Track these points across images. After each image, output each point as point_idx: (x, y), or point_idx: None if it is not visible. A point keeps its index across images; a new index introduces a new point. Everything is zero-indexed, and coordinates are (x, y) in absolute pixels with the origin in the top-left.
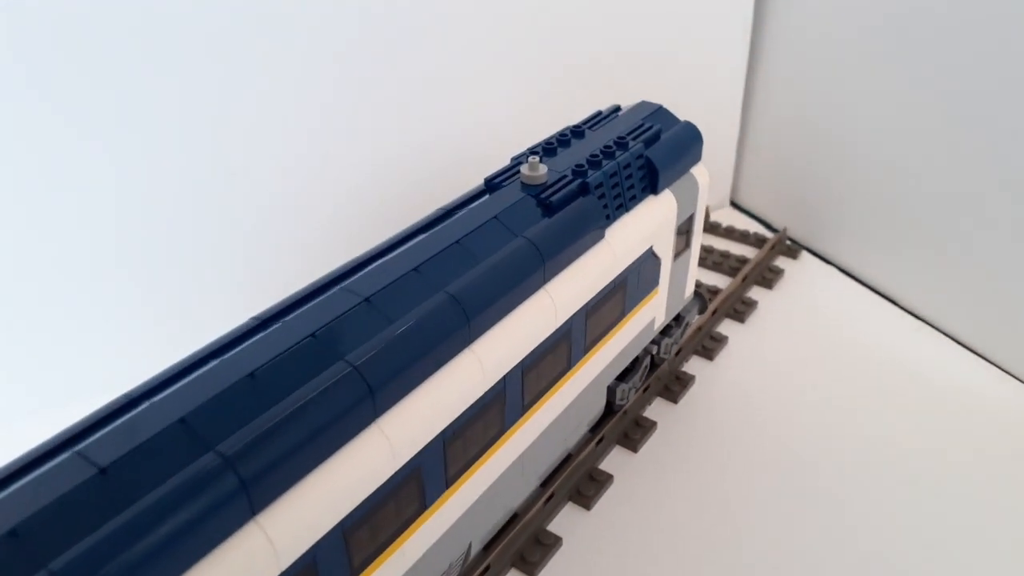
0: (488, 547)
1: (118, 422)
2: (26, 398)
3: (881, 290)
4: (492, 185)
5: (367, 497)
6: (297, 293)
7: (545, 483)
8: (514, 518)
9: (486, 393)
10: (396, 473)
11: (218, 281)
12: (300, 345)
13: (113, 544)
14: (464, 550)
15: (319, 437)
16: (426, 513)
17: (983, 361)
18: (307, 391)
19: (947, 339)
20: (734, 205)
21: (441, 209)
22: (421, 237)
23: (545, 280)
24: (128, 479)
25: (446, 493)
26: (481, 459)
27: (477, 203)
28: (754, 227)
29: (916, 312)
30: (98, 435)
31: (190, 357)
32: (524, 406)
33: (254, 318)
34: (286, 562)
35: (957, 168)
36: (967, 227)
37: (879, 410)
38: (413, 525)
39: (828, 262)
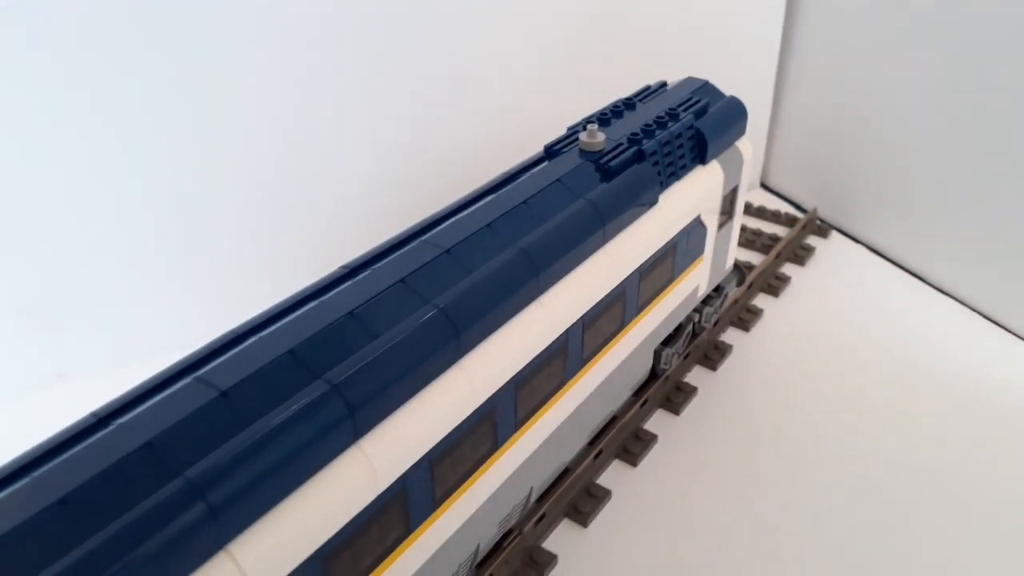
0: (543, 498)
1: (233, 351)
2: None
3: (909, 267)
4: (552, 152)
5: (451, 431)
6: (380, 246)
7: (593, 442)
8: (566, 472)
9: (552, 344)
10: (475, 411)
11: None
12: (391, 289)
13: (236, 458)
14: (525, 494)
15: (413, 371)
16: (497, 453)
17: (1009, 334)
18: (401, 329)
19: (975, 313)
20: (764, 187)
21: (505, 173)
22: (490, 198)
23: (604, 240)
24: (246, 401)
25: (515, 435)
26: (545, 406)
27: (539, 168)
28: (784, 208)
29: (943, 288)
30: (215, 363)
31: (291, 298)
32: (583, 359)
33: (343, 267)
34: (382, 485)
35: (984, 148)
36: (994, 206)
37: (907, 385)
38: (486, 463)
39: (857, 241)
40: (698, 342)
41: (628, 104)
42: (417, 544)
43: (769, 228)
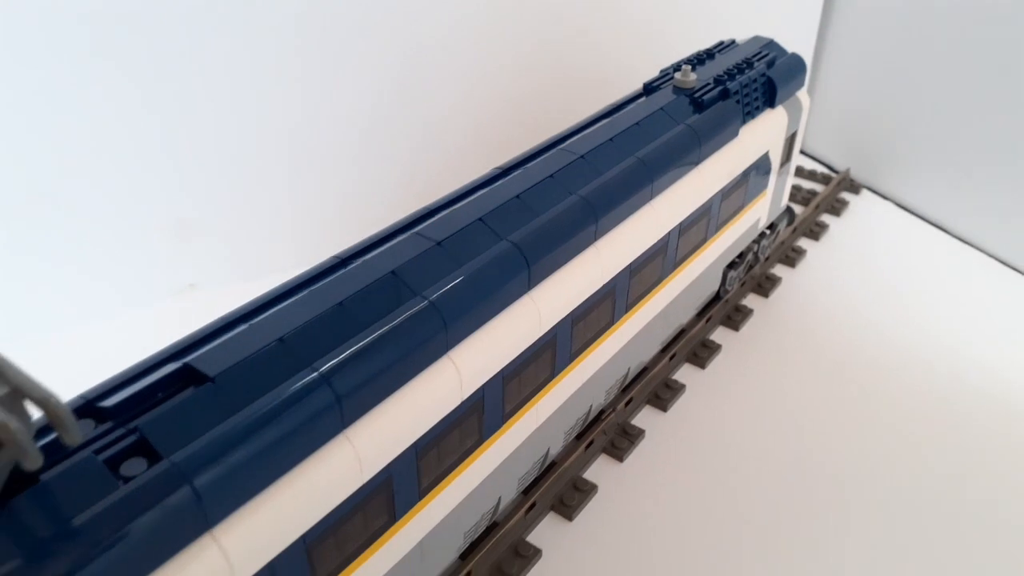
0: (529, 490)
1: (223, 338)
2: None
3: (931, 220)
4: (649, 88)
5: (438, 422)
6: (479, 178)
7: (581, 435)
8: (552, 466)
9: (656, 243)
10: (463, 403)
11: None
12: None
13: (223, 444)
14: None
15: (399, 363)
16: (542, 391)
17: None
18: (390, 319)
19: (992, 260)
20: (801, 151)
21: (611, 105)
22: (605, 121)
23: (700, 159)
24: (236, 388)
25: (573, 363)
26: (637, 306)
27: (639, 101)
28: (820, 168)
29: (964, 238)
30: (205, 349)
31: (284, 285)
32: (676, 262)
33: (335, 256)
34: (368, 475)
35: (1009, 106)
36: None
37: (929, 328)
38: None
39: (885, 198)
40: (753, 273)
41: (709, 55)
42: (402, 532)
43: (807, 184)
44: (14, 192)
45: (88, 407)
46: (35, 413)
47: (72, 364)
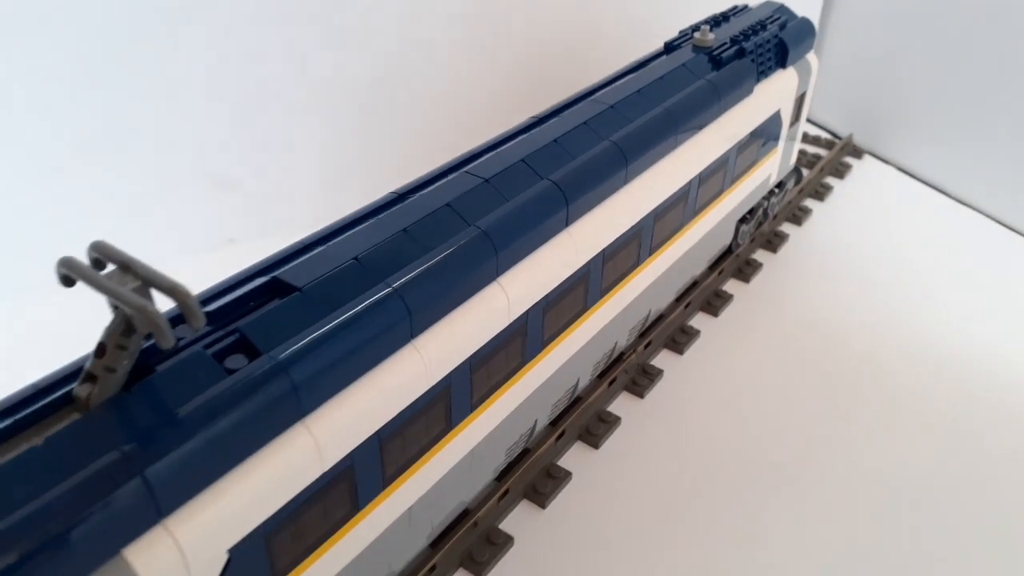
0: (503, 476)
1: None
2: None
3: (930, 182)
4: (670, 47)
5: (489, 340)
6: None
7: (555, 422)
8: (526, 453)
9: (677, 191)
10: (509, 326)
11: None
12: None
13: (316, 342)
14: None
15: (457, 285)
16: (590, 309)
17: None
18: (516, 201)
19: (990, 220)
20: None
21: (634, 62)
22: (630, 76)
23: (719, 113)
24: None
25: (602, 300)
26: (664, 246)
27: (661, 59)
28: (824, 135)
29: (964, 200)
30: (292, 264)
31: (349, 216)
32: (696, 210)
33: (392, 192)
34: (431, 382)
35: (1008, 70)
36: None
37: (928, 284)
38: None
39: (886, 162)
40: (762, 230)
41: (724, 17)
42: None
43: (812, 149)
44: (66, 147)
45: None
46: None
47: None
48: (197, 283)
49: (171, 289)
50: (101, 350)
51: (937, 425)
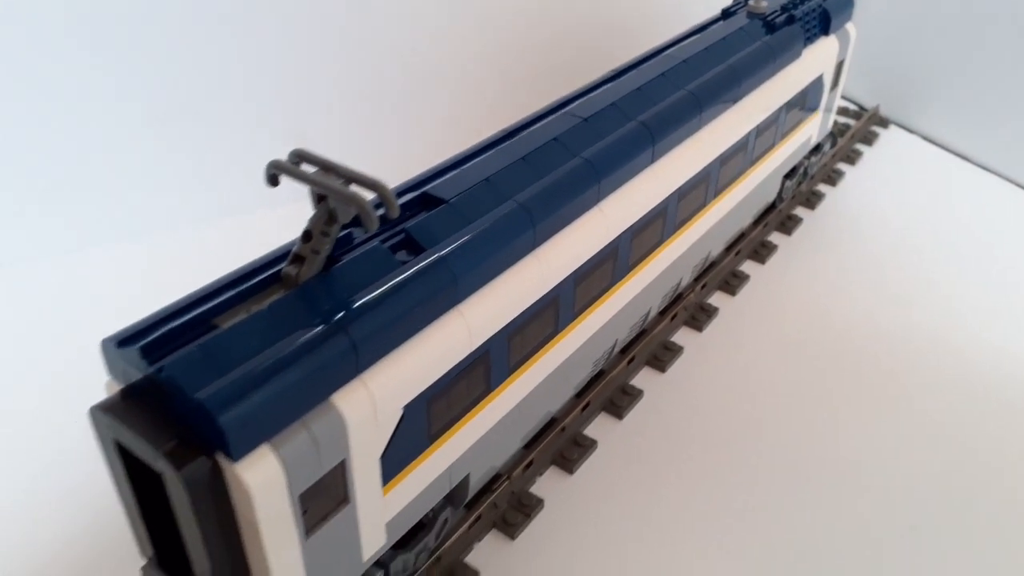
0: (530, 445)
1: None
2: None
3: (954, 150)
4: (727, 13)
5: (591, 257)
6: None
7: (580, 394)
8: (553, 422)
9: (737, 142)
10: (607, 246)
11: None
12: (608, 110)
13: (475, 238)
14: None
15: (568, 205)
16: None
17: None
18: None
19: (1013, 185)
20: None
21: (695, 26)
22: (695, 37)
23: (775, 72)
24: (466, 207)
25: (674, 235)
26: (724, 192)
27: (718, 24)
28: (851, 107)
29: (985, 165)
30: (442, 179)
31: (469, 149)
32: (752, 160)
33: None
34: (548, 287)
35: None
36: None
37: (954, 245)
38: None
39: (912, 132)
40: (801, 189)
41: None
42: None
43: (840, 119)
44: (166, 101)
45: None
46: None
47: (208, 254)
48: (280, 231)
49: (372, 184)
50: (307, 236)
51: (968, 395)
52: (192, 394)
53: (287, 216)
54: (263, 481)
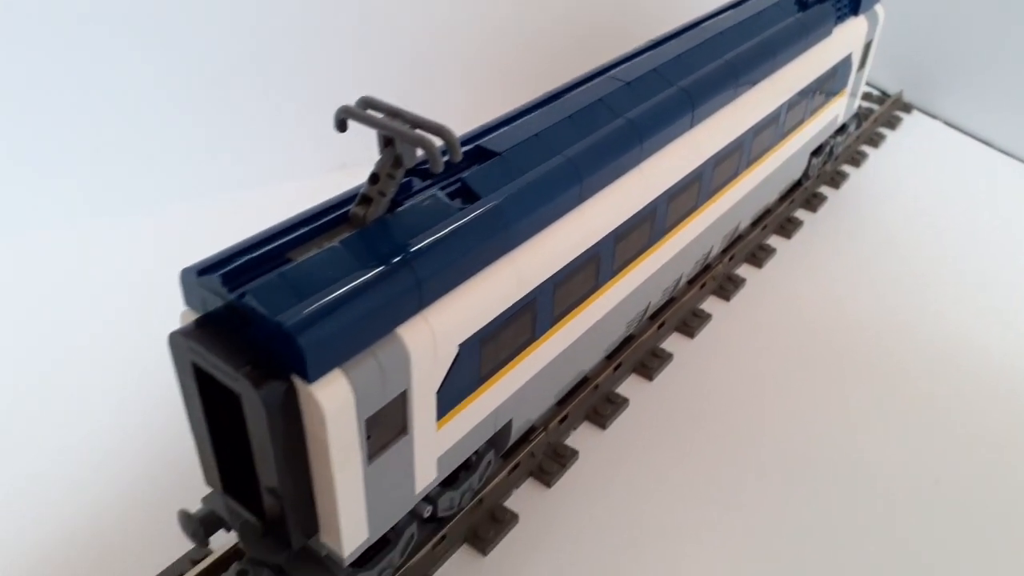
0: (564, 401)
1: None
2: None
3: (978, 136)
4: None
5: (631, 216)
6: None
7: (612, 355)
8: (586, 380)
9: (772, 112)
10: (646, 207)
11: None
12: (648, 76)
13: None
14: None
15: (610, 165)
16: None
17: None
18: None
19: None
20: None
21: (728, 3)
22: (729, 12)
23: (806, 48)
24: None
25: (710, 200)
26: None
27: (753, 1)
28: (874, 92)
29: (1007, 150)
30: (500, 131)
31: (516, 109)
32: (783, 133)
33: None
34: (594, 239)
35: None
36: None
37: (972, 227)
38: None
39: (933, 117)
40: (826, 169)
41: None
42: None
43: (864, 104)
44: (203, 73)
45: (413, 170)
46: None
47: (239, 222)
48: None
49: (438, 128)
50: (375, 178)
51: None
52: (274, 317)
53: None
54: (335, 402)
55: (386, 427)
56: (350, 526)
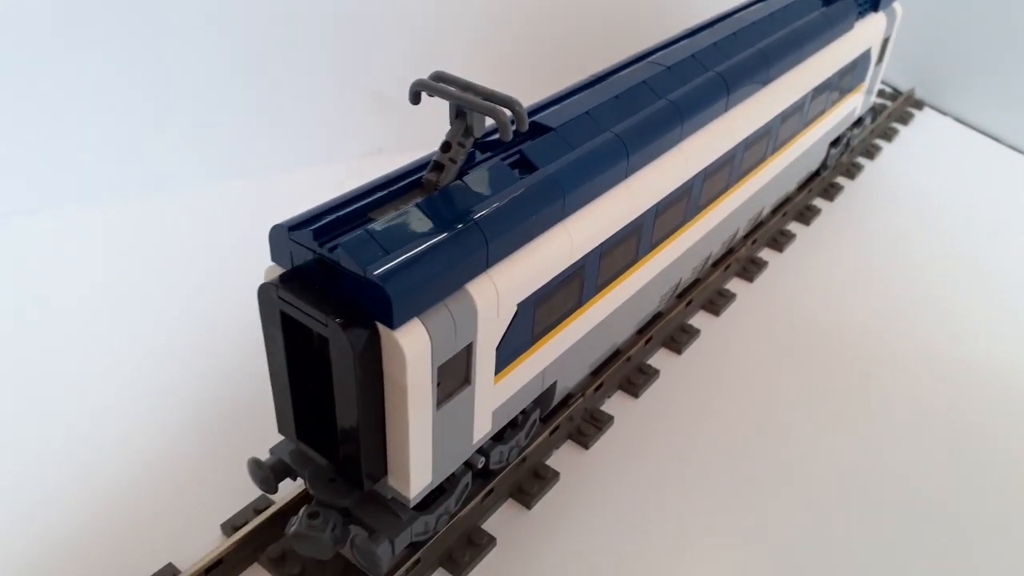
0: (598, 371)
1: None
2: None
3: (985, 131)
4: None
5: (669, 194)
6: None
7: (642, 331)
8: (618, 354)
9: (798, 100)
10: (683, 184)
11: None
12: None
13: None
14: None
15: (651, 144)
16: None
17: None
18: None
19: None
20: None
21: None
22: (758, 6)
23: (830, 40)
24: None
25: (740, 182)
26: (782, 148)
27: None
28: (886, 89)
29: (1016, 147)
30: (549, 110)
31: (563, 90)
32: (807, 121)
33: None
34: (637, 212)
35: None
36: None
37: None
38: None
39: (944, 113)
40: (842, 160)
41: None
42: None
43: (877, 100)
44: (253, 63)
45: (476, 143)
46: None
47: (281, 200)
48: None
49: (507, 100)
50: (447, 147)
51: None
52: (364, 267)
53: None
54: (415, 348)
55: (453, 376)
56: (418, 469)
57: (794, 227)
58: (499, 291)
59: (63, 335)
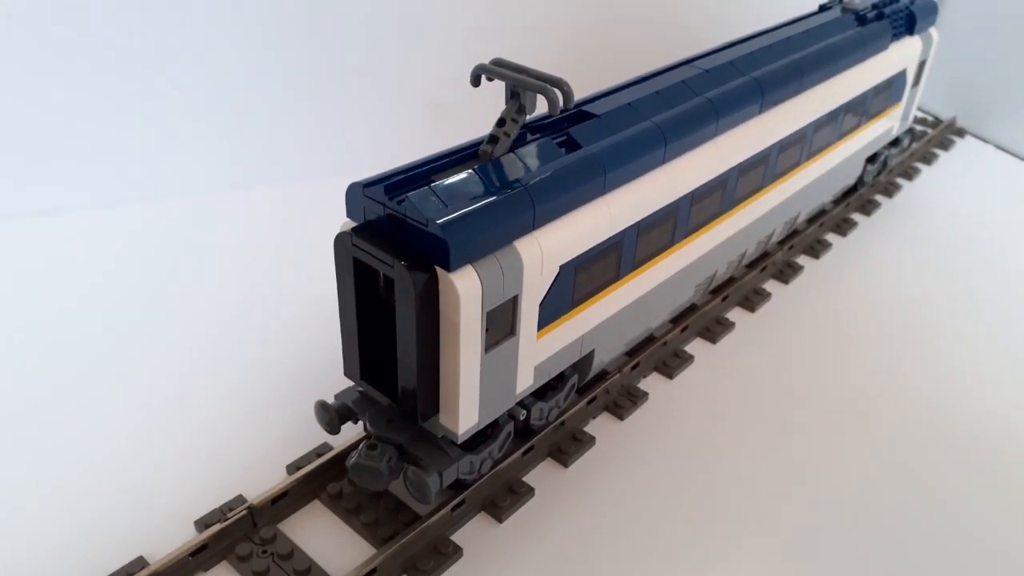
0: (635, 352)
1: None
2: None
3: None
4: (824, 8)
5: (709, 180)
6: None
7: (676, 320)
8: (652, 339)
9: (832, 111)
10: (717, 176)
11: None
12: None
13: (625, 141)
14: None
15: (688, 137)
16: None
17: None
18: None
19: None
20: None
21: (794, 18)
22: (793, 26)
23: (864, 58)
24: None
25: (775, 183)
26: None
27: (816, 16)
28: (927, 117)
29: None
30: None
31: (606, 89)
32: (841, 133)
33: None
34: (674, 197)
35: None
36: None
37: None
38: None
39: (986, 141)
40: (879, 179)
41: None
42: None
43: (917, 128)
44: (321, 71)
45: (527, 125)
46: None
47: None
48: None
49: (556, 81)
50: (502, 122)
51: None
52: (427, 216)
53: None
54: (468, 289)
55: (500, 324)
56: (466, 407)
57: (831, 237)
58: (543, 251)
59: (139, 314)
